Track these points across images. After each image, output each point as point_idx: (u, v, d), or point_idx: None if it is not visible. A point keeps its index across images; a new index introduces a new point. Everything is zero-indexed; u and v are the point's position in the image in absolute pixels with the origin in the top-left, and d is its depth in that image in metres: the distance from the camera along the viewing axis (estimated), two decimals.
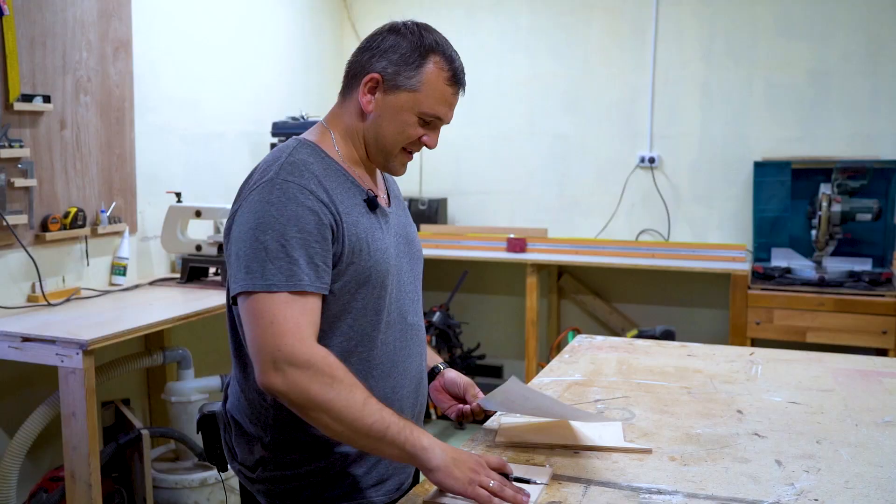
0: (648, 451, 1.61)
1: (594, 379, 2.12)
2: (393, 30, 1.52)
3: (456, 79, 1.52)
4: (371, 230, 1.50)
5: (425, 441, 1.35)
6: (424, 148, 1.57)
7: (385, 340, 1.54)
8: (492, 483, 1.33)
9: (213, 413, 1.68)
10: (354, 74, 1.53)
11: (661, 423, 1.78)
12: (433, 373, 1.77)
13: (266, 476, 1.54)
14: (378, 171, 1.65)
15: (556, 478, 1.49)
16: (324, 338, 1.45)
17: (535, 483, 1.42)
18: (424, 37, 1.50)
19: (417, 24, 1.53)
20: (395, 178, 1.72)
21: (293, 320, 1.35)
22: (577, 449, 1.62)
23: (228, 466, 1.67)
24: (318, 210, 1.41)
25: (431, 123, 1.54)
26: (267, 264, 1.36)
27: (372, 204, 1.52)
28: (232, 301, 1.45)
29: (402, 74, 1.48)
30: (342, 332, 1.49)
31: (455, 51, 1.54)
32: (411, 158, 1.60)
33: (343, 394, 1.32)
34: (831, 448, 1.63)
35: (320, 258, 1.40)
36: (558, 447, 1.62)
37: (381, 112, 1.51)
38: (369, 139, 1.54)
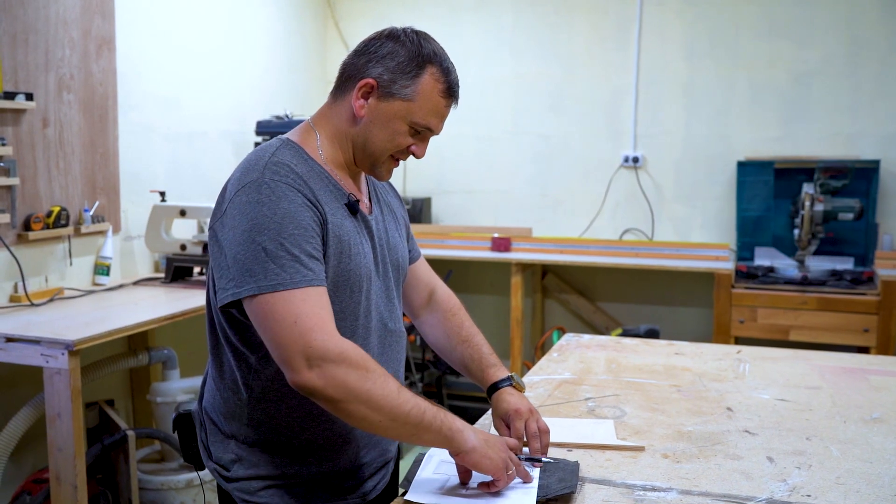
0: (641, 449, 1.62)
1: (584, 377, 2.13)
2: (392, 36, 1.50)
3: (450, 91, 1.52)
4: (352, 234, 1.49)
5: (458, 424, 1.39)
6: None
7: (361, 345, 1.51)
8: (511, 470, 1.40)
9: (189, 412, 1.67)
10: (349, 77, 1.52)
11: (653, 420, 1.79)
12: (495, 387, 1.68)
13: (241, 475, 1.53)
14: (363, 175, 1.63)
15: None
16: None
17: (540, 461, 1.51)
18: (423, 46, 1.49)
19: (417, 33, 1.51)
20: (389, 183, 1.72)
21: (316, 315, 1.33)
22: (569, 447, 1.62)
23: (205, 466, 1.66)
24: (309, 206, 1.40)
25: (421, 133, 1.54)
26: (269, 264, 1.34)
27: (352, 208, 1.51)
28: (225, 305, 1.39)
29: (397, 83, 1.47)
30: None
31: (451, 63, 1.53)
32: (398, 165, 1.60)
33: (379, 383, 1.33)
34: (821, 445, 1.65)
35: (318, 252, 1.39)
36: (552, 445, 1.63)
37: (372, 118, 1.50)
38: (358, 144, 1.53)
